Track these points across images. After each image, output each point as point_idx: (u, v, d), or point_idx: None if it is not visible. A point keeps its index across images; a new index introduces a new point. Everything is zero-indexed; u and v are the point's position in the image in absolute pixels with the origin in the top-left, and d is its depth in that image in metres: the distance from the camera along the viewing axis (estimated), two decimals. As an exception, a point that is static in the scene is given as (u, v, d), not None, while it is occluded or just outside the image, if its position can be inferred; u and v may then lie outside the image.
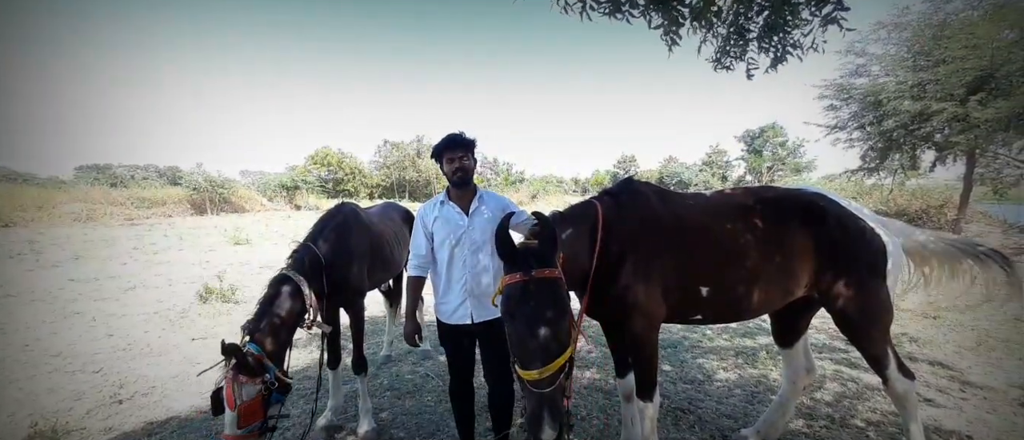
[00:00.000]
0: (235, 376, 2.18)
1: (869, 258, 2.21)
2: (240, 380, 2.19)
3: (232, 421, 2.17)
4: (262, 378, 2.25)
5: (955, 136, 10.02)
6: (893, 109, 10.72)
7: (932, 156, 11.85)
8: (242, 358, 2.21)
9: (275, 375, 2.32)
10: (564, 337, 1.71)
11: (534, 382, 1.62)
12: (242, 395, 2.17)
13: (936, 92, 10.17)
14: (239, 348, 2.22)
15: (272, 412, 2.32)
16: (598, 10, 2.34)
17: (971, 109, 9.48)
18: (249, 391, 2.19)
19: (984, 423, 2.93)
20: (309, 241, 2.77)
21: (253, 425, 2.22)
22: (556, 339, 1.68)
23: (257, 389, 2.22)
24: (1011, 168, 12.22)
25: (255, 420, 2.22)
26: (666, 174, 40.93)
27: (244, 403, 2.18)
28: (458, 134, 2.33)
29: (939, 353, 4.14)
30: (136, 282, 7.50)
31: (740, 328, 4.89)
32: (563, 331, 1.71)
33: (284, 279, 2.54)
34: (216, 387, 2.26)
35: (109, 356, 4.25)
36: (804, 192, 2.41)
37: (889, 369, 2.24)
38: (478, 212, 2.35)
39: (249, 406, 2.20)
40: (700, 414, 3.11)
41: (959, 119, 9.80)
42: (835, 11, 2.43)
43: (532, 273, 1.71)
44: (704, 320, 2.37)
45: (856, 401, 3.25)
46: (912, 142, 11.28)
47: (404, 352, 4.37)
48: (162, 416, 3.14)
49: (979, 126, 9.50)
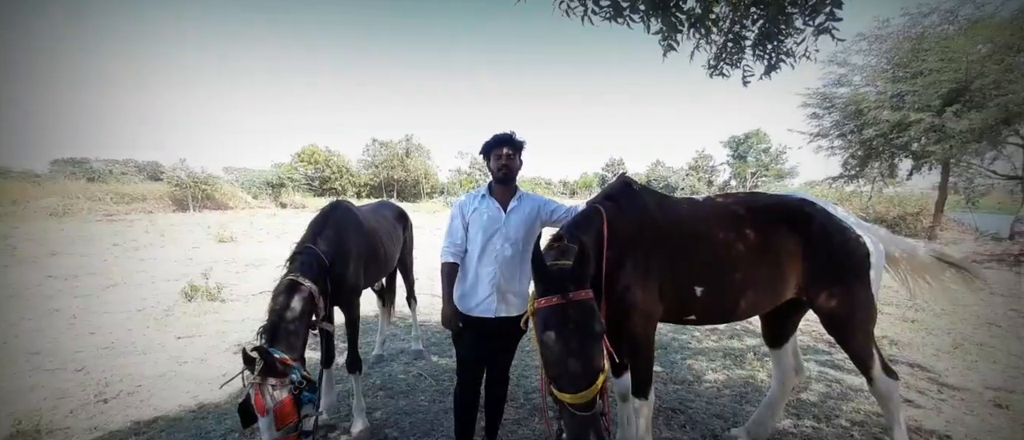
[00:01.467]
0: (264, 381, 2.17)
1: (854, 261, 2.30)
2: (270, 383, 2.18)
3: (269, 425, 2.16)
4: (290, 379, 2.25)
5: (931, 146, 10.40)
6: (873, 118, 11.08)
7: (909, 165, 12.27)
8: (270, 360, 2.20)
9: (301, 375, 2.31)
10: (601, 358, 1.71)
11: (577, 406, 1.62)
12: (274, 397, 2.17)
13: (914, 103, 10.55)
14: (267, 351, 2.21)
15: (306, 411, 2.31)
16: (600, 14, 2.38)
17: (946, 120, 9.86)
18: (280, 393, 2.19)
19: (962, 423, 3.04)
20: (309, 243, 2.74)
21: (289, 426, 2.22)
22: (595, 361, 1.68)
23: (287, 389, 2.22)
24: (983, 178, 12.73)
25: (290, 420, 2.22)
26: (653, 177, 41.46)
27: (278, 404, 2.18)
28: (509, 134, 2.40)
29: (918, 355, 4.28)
30: (117, 279, 7.30)
31: (727, 330, 4.99)
32: (601, 353, 1.71)
33: (294, 285, 2.52)
34: (242, 398, 2.25)
35: (92, 354, 4.13)
36: (791, 198, 2.49)
37: (874, 369, 2.32)
38: (516, 210, 2.40)
39: (283, 407, 2.20)
40: (691, 414, 3.17)
41: (935, 130, 10.18)
42: (828, 21, 2.52)
43: (569, 295, 1.70)
44: (697, 320, 2.43)
45: (841, 402, 3.35)
46: (891, 151, 11.67)
47: (396, 352, 4.34)
48: (149, 415, 3.07)
49: (954, 137, 9.88)
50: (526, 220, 2.40)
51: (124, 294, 6.41)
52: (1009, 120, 9.67)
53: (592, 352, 1.67)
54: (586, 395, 1.62)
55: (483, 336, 2.35)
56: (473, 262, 2.35)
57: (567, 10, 2.44)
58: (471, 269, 2.36)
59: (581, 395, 1.62)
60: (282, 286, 2.53)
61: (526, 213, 2.41)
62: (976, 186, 13.58)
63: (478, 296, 2.32)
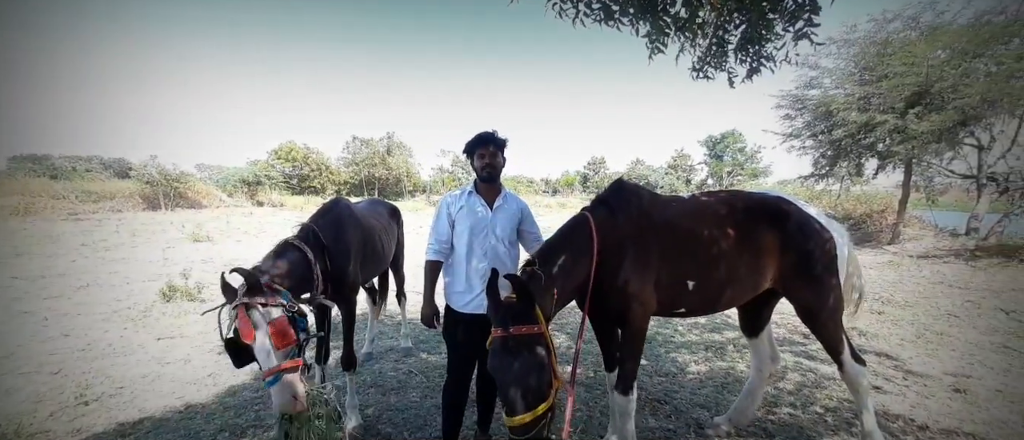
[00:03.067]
0: (251, 300, 1.95)
1: (824, 255, 2.45)
2: (258, 303, 1.97)
3: (267, 351, 1.93)
4: (279, 300, 2.05)
5: (895, 146, 10.89)
6: (842, 119, 11.53)
7: (875, 164, 12.83)
8: (253, 279, 2.00)
9: (290, 299, 2.11)
10: (542, 388, 1.82)
11: (514, 428, 1.77)
12: (265, 318, 1.95)
13: (879, 105, 11.03)
14: (249, 271, 2.03)
15: (302, 337, 2.09)
16: (591, 16, 2.45)
17: (909, 122, 10.35)
18: (272, 312, 1.98)
19: (924, 407, 3.26)
20: (310, 223, 2.72)
21: (290, 347, 1.99)
22: (533, 390, 1.79)
23: (279, 309, 2.02)
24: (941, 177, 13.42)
25: (289, 341, 1.99)
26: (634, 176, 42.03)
27: (273, 323, 1.95)
28: (491, 132, 2.42)
29: (885, 345, 4.54)
30: (89, 280, 7.03)
31: (708, 324, 5.17)
32: (542, 383, 1.82)
33: (289, 244, 2.46)
34: (227, 337, 2.00)
35: (68, 356, 3.99)
36: (770, 196, 2.63)
37: (843, 355, 2.48)
38: (502, 208, 2.46)
39: (277, 328, 1.95)
40: (676, 404, 3.29)
41: (899, 131, 10.67)
42: (806, 26, 2.66)
43: (510, 330, 1.84)
44: (687, 312, 2.53)
45: (815, 390, 3.53)
46: (858, 151, 12.16)
47: (385, 350, 4.35)
48: (134, 417, 3.01)
49: (916, 137, 10.37)
50: (512, 218, 2.48)
51: (97, 295, 6.18)
52: (965, 122, 10.22)
53: (528, 383, 1.79)
54: (516, 421, 1.76)
55: (475, 332, 2.36)
56: (462, 260, 2.38)
57: (560, 12, 2.50)
58: (461, 267, 2.39)
59: (514, 420, 1.77)
60: (276, 248, 2.45)
61: (512, 212, 2.49)
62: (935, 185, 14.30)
63: (472, 293, 2.35)
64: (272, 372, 1.93)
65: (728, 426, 2.90)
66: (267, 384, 1.94)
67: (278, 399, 1.93)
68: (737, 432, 2.89)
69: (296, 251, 2.46)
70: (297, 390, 1.95)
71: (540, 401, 1.80)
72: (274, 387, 1.93)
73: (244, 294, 1.97)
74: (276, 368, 1.93)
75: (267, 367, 1.94)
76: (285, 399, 1.93)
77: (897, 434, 2.91)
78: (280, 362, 1.95)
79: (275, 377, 1.93)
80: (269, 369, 1.93)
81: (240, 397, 3.29)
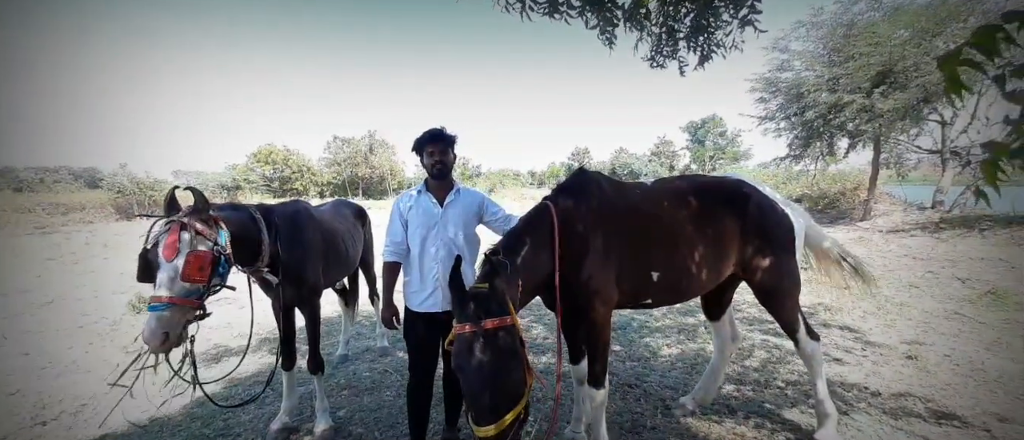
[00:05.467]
0: (189, 223, 1.87)
1: (783, 237, 2.50)
2: (195, 227, 1.88)
3: (172, 276, 1.81)
4: (215, 236, 1.97)
5: (863, 125, 11.18)
6: (813, 101, 11.79)
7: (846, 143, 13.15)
8: (202, 203, 1.92)
9: (226, 243, 2.03)
10: (518, 388, 1.65)
11: (487, 438, 1.56)
12: (191, 245, 1.84)
13: (847, 85, 11.28)
14: (201, 193, 1.96)
15: (215, 282, 1.99)
16: (536, 11, 2.45)
17: (875, 101, 10.62)
18: (201, 243, 1.88)
19: (878, 375, 3.39)
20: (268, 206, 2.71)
21: (198, 285, 1.88)
22: (507, 393, 1.61)
23: (210, 245, 1.92)
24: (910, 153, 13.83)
25: (201, 279, 1.87)
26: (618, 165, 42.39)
27: (194, 252, 1.83)
28: (440, 129, 2.39)
29: (848, 318, 4.69)
30: (54, 295, 6.82)
31: (682, 307, 5.26)
32: (516, 382, 1.65)
33: (244, 206, 2.46)
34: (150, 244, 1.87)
35: (26, 376, 3.88)
36: (728, 179, 2.65)
37: (799, 333, 2.56)
38: (453, 204, 2.42)
39: (197, 258, 1.83)
40: (645, 388, 3.36)
41: (866, 110, 10.95)
42: (750, 14, 2.70)
43: (481, 324, 1.64)
44: (653, 303, 2.48)
45: (778, 365, 3.64)
46: (829, 131, 12.44)
47: (361, 351, 4.33)
48: (93, 433, 2.95)
49: (883, 116, 10.66)
50: (465, 213, 2.43)
51: (62, 310, 6.01)
52: (928, 99, 10.53)
53: (503, 385, 1.61)
54: (494, 428, 1.56)
55: (434, 330, 2.38)
56: (416, 259, 2.38)
57: (506, 6, 2.49)
58: (415, 266, 2.39)
59: (488, 429, 1.56)
60: (231, 203, 2.43)
61: (464, 207, 2.45)
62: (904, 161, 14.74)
63: (425, 292, 2.36)
64: (163, 300, 1.82)
65: (693, 405, 2.97)
66: (150, 308, 1.83)
67: (150, 329, 1.81)
68: (702, 410, 2.96)
69: (247, 213, 2.42)
70: (172, 330, 1.83)
71: (516, 403, 1.62)
72: (154, 314, 1.81)
73: (187, 214, 1.90)
74: (169, 298, 1.82)
75: (162, 291, 1.82)
76: (156, 332, 1.81)
77: (851, 402, 3.02)
78: (177, 294, 1.84)
79: (163, 305, 1.82)
80: (162, 295, 1.82)
81: (207, 407, 3.24)
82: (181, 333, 1.91)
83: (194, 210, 1.96)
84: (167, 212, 1.96)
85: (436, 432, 2.78)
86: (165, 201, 1.97)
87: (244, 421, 3.07)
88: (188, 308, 1.90)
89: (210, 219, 2.04)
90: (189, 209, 1.95)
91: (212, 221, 2.03)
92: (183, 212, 1.93)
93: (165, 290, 1.84)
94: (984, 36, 0.74)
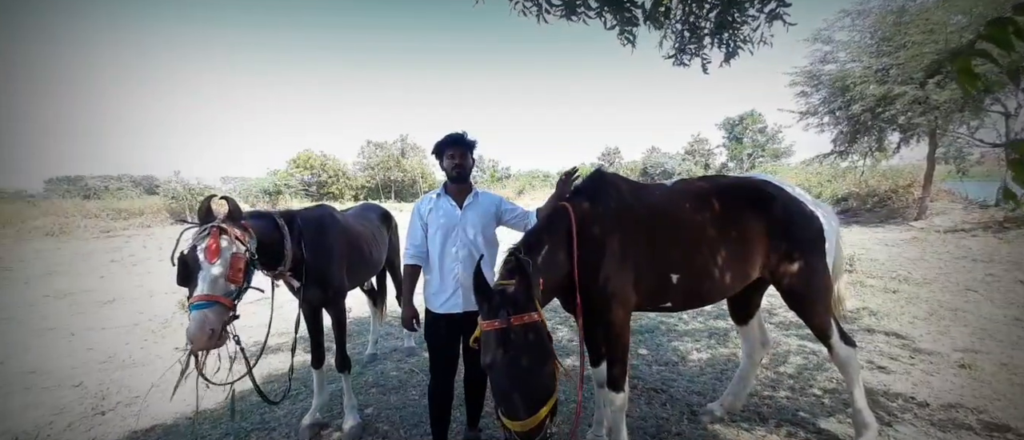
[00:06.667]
0: (231, 228, 2.01)
1: (812, 238, 2.39)
2: (235, 233, 2.01)
3: (218, 275, 1.94)
4: (247, 241, 2.12)
5: (916, 118, 10.46)
6: (859, 93, 11.14)
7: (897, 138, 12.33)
8: (238, 211, 2.07)
9: (255, 248, 2.18)
10: (548, 383, 1.66)
11: (520, 433, 1.57)
12: (231, 248, 1.97)
13: (898, 76, 10.58)
14: (235, 201, 2.11)
15: (246, 286, 2.13)
16: (553, 13, 2.45)
17: (930, 92, 9.91)
18: (238, 248, 2.01)
19: (927, 385, 3.16)
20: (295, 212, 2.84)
21: (234, 287, 2.00)
22: (540, 387, 1.62)
23: (245, 249, 2.06)
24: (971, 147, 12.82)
25: (237, 280, 2.00)
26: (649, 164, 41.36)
27: (235, 254, 1.97)
28: (461, 134, 2.46)
29: (895, 324, 4.40)
30: (115, 295, 7.39)
31: (713, 310, 5.09)
32: (547, 377, 1.65)
33: (269, 213, 2.59)
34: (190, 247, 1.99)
35: (89, 369, 4.23)
36: (753, 180, 2.55)
37: (833, 338, 2.42)
38: (471, 206, 2.47)
39: (238, 260, 1.97)
40: (672, 393, 3.27)
41: (919, 102, 10.24)
42: (778, 7, 2.60)
43: (511, 319, 1.64)
44: (673, 307, 2.43)
45: (815, 372, 3.46)
46: (878, 125, 11.72)
47: (389, 350, 4.45)
48: (146, 424, 3.17)
49: (938, 108, 9.94)
50: (483, 215, 2.47)
51: (121, 309, 6.50)
52: (989, 89, 9.72)
53: (536, 379, 1.62)
54: (528, 424, 1.56)
55: (455, 331, 2.42)
56: (436, 261, 2.42)
57: (523, 9, 2.51)
58: (436, 268, 2.43)
59: (523, 423, 1.56)
60: (255, 211, 2.55)
61: (483, 209, 2.48)
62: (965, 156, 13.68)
63: (446, 293, 2.40)
64: (207, 298, 1.92)
65: (721, 411, 2.88)
66: (193, 308, 1.92)
67: (195, 326, 1.89)
68: (730, 417, 2.86)
69: (271, 220, 2.54)
70: (217, 327, 1.93)
71: (548, 397, 1.63)
72: (197, 312, 1.91)
73: (225, 219, 2.04)
74: (212, 296, 1.93)
75: (204, 290, 1.93)
76: (205, 330, 1.90)
77: (896, 412, 2.84)
78: (220, 293, 1.95)
79: (206, 304, 1.92)
80: (205, 293, 1.93)
81: (247, 401, 3.42)
82: (222, 332, 2.02)
83: (230, 217, 2.10)
84: (203, 220, 2.10)
85: (458, 432, 2.81)
86: (201, 210, 2.12)
87: (279, 416, 3.22)
88: (226, 308, 2.01)
89: (244, 225, 2.18)
90: (226, 215, 2.10)
91: (245, 227, 2.18)
92: (221, 218, 2.08)
93: (208, 289, 1.95)
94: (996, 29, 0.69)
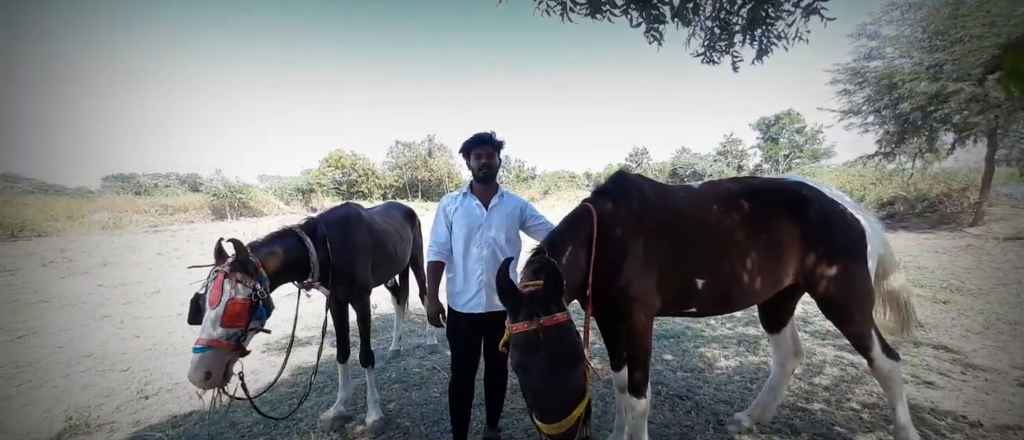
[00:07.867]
0: (231, 272, 2.07)
1: (851, 243, 2.25)
2: (236, 277, 2.07)
3: (215, 319, 2.01)
4: (255, 284, 2.16)
5: (974, 117, 9.76)
6: (908, 91, 10.49)
7: (951, 138, 11.53)
8: (243, 254, 2.13)
9: (266, 287, 2.23)
10: (581, 383, 1.63)
11: (555, 436, 1.54)
12: (231, 293, 2.04)
13: (953, 72, 9.90)
14: (242, 244, 2.16)
15: (254, 325, 2.17)
16: (577, 12, 2.41)
17: (990, 89, 9.21)
18: (241, 291, 2.07)
19: (981, 403, 2.93)
20: (317, 218, 2.92)
21: (235, 329, 2.06)
22: (572, 388, 1.59)
23: (248, 292, 2.10)
24: (1036, 148, 11.84)
25: (239, 324, 2.06)
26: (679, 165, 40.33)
27: (232, 300, 2.03)
28: (488, 133, 2.47)
29: (946, 337, 4.10)
30: (161, 286, 7.85)
31: (743, 316, 4.91)
32: (579, 377, 1.63)
33: (291, 230, 2.67)
34: (199, 291, 2.11)
35: (136, 355, 4.51)
36: (787, 181, 2.43)
37: (874, 350, 2.28)
38: (497, 207, 2.47)
39: (235, 305, 2.04)
40: (697, 400, 3.17)
41: (977, 100, 9.54)
42: (815, 2, 2.47)
43: (541, 321, 1.62)
44: (698, 312, 2.34)
45: (854, 385, 3.28)
46: (930, 124, 10.99)
47: (412, 347, 4.51)
48: (185, 410, 3.34)
49: (999, 106, 9.23)
50: (508, 217, 2.46)
51: (166, 299, 6.90)
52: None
53: (568, 380, 1.59)
54: (562, 426, 1.53)
55: (476, 331, 2.42)
56: (460, 260, 2.43)
57: (547, 9, 2.49)
58: (459, 267, 2.43)
59: (557, 426, 1.53)
60: (278, 231, 2.62)
61: (508, 211, 2.48)
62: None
63: (469, 292, 2.40)
64: (205, 343, 2.01)
65: (749, 422, 2.77)
66: (194, 350, 2.02)
67: (190, 369, 1.98)
68: (759, 428, 2.75)
69: (294, 238, 2.62)
70: (214, 370, 2.00)
71: (581, 397, 1.60)
72: (197, 355, 2.00)
73: (228, 264, 2.12)
74: (210, 340, 2.01)
75: (204, 335, 2.02)
76: (199, 372, 1.98)
77: (944, 431, 2.65)
78: (218, 337, 2.02)
79: (204, 347, 2.01)
80: (203, 338, 2.01)
81: (276, 392, 3.55)
82: (224, 372, 2.11)
83: (236, 260, 2.16)
84: (216, 260, 2.18)
85: (478, 431, 2.82)
86: (216, 251, 2.19)
87: (306, 408, 3.32)
88: (227, 350, 2.10)
89: (251, 266, 2.21)
90: (231, 261, 2.16)
91: (253, 267, 2.22)
92: (227, 262, 2.14)
93: (207, 333, 2.05)
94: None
